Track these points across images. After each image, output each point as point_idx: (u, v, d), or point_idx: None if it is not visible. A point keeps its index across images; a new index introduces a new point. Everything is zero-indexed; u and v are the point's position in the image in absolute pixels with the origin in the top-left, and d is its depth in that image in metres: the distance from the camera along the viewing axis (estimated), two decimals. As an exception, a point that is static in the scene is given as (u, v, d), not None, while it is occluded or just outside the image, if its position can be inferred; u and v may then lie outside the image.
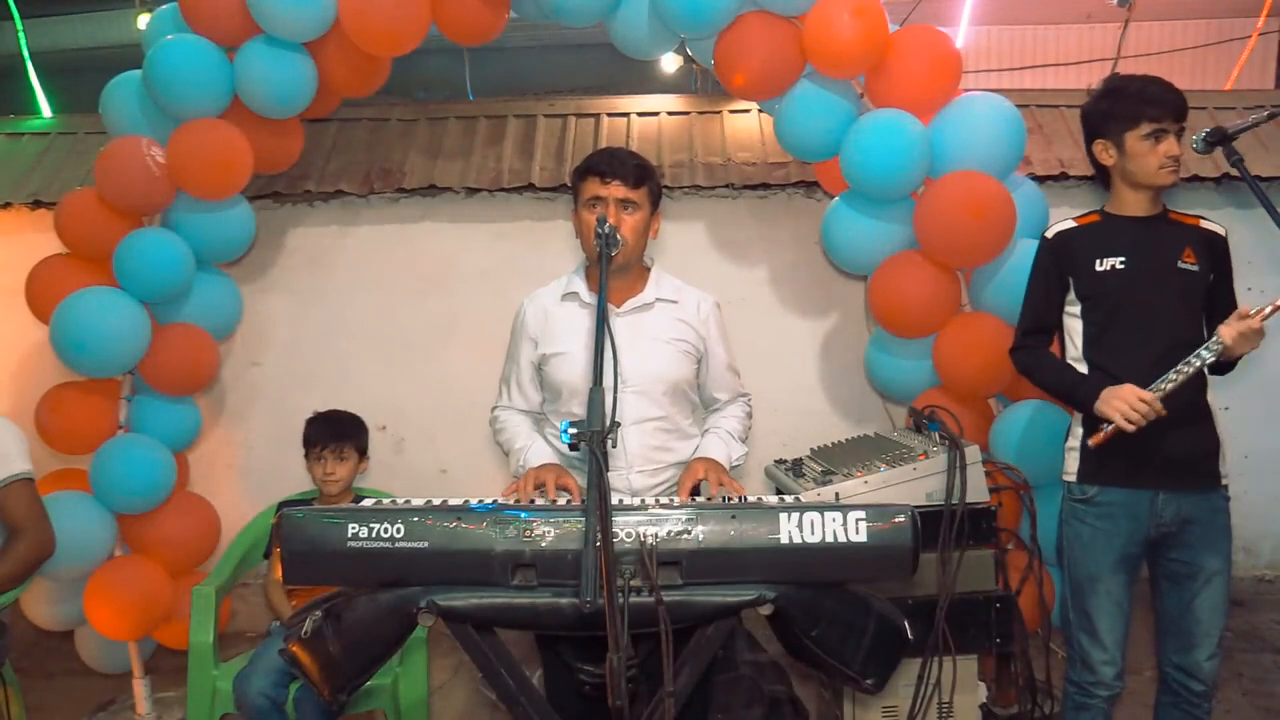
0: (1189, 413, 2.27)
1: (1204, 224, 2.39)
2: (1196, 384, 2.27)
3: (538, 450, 2.33)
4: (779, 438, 3.85)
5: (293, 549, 1.68)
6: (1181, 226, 2.38)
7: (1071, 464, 2.42)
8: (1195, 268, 2.31)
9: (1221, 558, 2.33)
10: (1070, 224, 2.43)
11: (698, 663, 1.75)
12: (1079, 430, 2.40)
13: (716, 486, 2.13)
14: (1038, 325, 2.48)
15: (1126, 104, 2.31)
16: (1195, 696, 2.34)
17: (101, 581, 3.27)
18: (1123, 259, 2.32)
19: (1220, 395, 2.45)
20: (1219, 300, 2.35)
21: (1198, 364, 2.19)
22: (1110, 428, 2.23)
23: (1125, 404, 2.19)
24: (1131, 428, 2.18)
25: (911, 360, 3.36)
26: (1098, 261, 2.34)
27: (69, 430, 3.33)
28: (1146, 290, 2.30)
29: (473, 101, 4.89)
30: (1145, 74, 2.39)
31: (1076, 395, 2.36)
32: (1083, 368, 2.39)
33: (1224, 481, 2.35)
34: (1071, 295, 2.41)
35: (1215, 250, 2.36)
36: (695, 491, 2.19)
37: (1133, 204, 2.37)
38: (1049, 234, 2.46)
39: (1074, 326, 2.42)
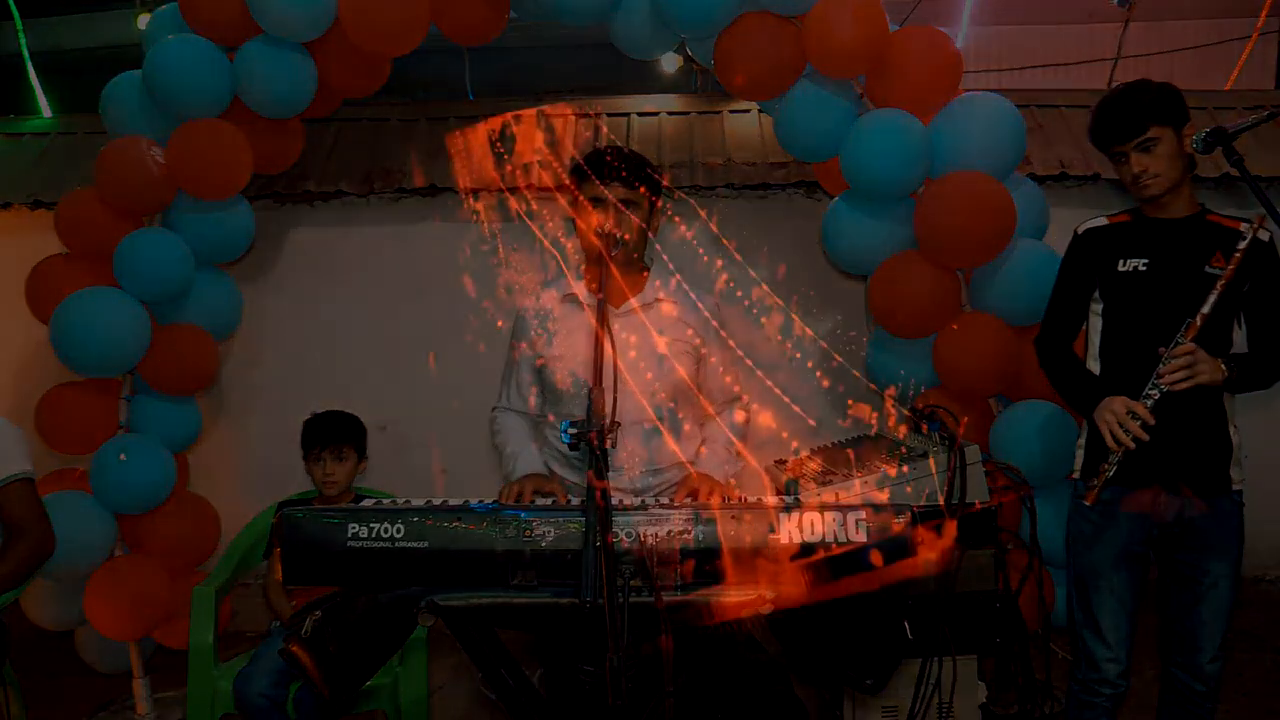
0: (1198, 414, 2.26)
1: (1244, 227, 2.28)
2: (1210, 388, 2.22)
3: (525, 459, 2.34)
4: (779, 438, 3.85)
5: (293, 549, 1.68)
6: (1216, 229, 2.29)
7: (1078, 461, 2.42)
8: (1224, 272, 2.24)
9: (1228, 562, 2.31)
10: (1102, 221, 2.41)
11: (697, 662, 1.75)
12: (1088, 428, 2.39)
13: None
14: (1060, 320, 2.47)
15: (1093, 128, 2.35)
16: (1198, 698, 2.34)
17: (101, 581, 3.27)
18: (1146, 260, 2.29)
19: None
20: (1257, 306, 2.26)
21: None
22: (1097, 482, 2.24)
23: (1114, 417, 2.19)
24: (1129, 442, 2.17)
25: (911, 360, 3.36)
26: (1121, 262, 2.32)
27: (69, 430, 3.34)
28: (1168, 293, 2.26)
29: (473, 101, 4.89)
30: (1122, 85, 2.36)
31: (1079, 402, 2.35)
32: (1096, 366, 2.38)
33: (1236, 487, 2.31)
34: (1096, 294, 2.39)
35: (1253, 255, 2.21)
36: None
37: (1155, 206, 2.34)
38: (1080, 230, 2.44)
39: (1095, 325, 2.41)
